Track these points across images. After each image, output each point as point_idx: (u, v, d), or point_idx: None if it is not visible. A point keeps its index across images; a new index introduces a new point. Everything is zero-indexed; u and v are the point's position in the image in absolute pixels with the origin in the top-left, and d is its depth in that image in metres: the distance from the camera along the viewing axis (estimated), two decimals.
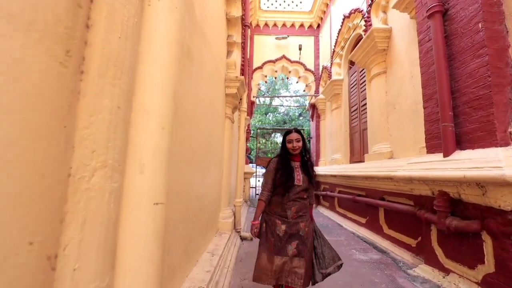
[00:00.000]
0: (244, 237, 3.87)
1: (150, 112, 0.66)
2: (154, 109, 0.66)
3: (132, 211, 0.60)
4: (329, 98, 6.87)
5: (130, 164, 0.65)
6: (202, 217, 2.36)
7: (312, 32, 8.54)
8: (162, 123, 0.65)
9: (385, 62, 4.18)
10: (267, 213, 1.84)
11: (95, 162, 0.68)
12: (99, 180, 0.69)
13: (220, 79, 3.27)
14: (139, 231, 0.57)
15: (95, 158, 0.68)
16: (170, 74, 0.71)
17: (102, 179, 0.70)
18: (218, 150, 3.24)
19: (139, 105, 0.67)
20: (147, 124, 0.65)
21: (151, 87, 0.67)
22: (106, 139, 0.72)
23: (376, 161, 4.04)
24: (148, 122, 0.65)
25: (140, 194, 0.60)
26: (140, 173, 0.61)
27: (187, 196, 1.92)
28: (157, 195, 0.61)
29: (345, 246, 3.70)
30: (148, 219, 0.58)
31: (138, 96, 0.68)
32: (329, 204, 6.51)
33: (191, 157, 1.98)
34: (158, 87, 0.67)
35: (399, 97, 3.72)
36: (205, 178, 2.49)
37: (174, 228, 1.61)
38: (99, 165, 0.69)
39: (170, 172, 1.46)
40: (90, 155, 0.67)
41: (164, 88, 0.68)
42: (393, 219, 3.51)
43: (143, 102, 0.67)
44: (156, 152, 0.63)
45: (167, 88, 0.69)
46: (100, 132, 0.70)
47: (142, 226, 0.57)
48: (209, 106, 2.59)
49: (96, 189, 0.68)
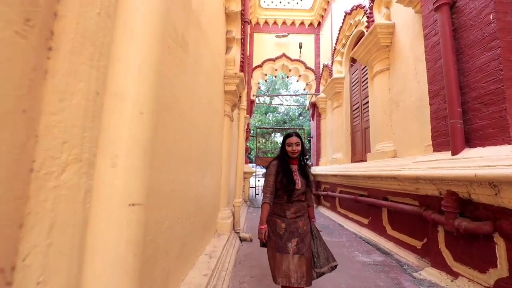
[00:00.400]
0: (243, 238, 3.77)
1: (125, 94, 0.55)
2: (130, 91, 0.56)
3: (102, 213, 0.50)
4: (330, 97, 6.77)
5: (101, 155, 0.55)
6: (199, 218, 2.26)
7: (313, 30, 8.44)
8: (141, 107, 0.55)
9: (388, 58, 4.08)
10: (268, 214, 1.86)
11: (66, 155, 0.58)
12: (72, 176, 0.59)
13: (219, 75, 3.17)
14: (110, 237, 0.47)
15: (66, 150, 0.58)
16: (151, 52, 0.61)
17: (75, 175, 0.60)
18: (216, 149, 3.14)
19: (113, 86, 0.57)
20: (122, 108, 0.55)
21: (126, 66, 0.57)
22: (81, 128, 0.62)
23: (379, 160, 3.94)
24: (123, 106, 0.55)
25: (111, 193, 0.50)
26: (111, 166, 0.51)
27: (184, 196, 1.82)
28: (133, 194, 0.51)
29: (347, 247, 3.60)
30: (120, 223, 0.48)
31: (112, 77, 0.58)
32: (330, 204, 6.41)
33: (189, 156, 1.88)
34: (135, 66, 0.57)
35: (403, 94, 3.62)
36: (204, 178, 2.39)
37: (169, 230, 1.51)
38: (72, 158, 0.59)
39: (162, 169, 1.38)
40: (60, 147, 0.56)
41: (142, 68, 0.58)
42: (397, 220, 3.41)
43: (117, 83, 0.57)
44: (132, 142, 0.53)
45: (147, 68, 0.58)
46: (73, 120, 0.59)
47: (113, 231, 0.47)
48: (207, 103, 2.49)
49: (68, 187, 0.58)
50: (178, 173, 1.63)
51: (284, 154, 1.89)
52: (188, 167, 1.85)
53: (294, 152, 1.84)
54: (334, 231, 4.53)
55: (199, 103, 2.13)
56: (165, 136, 1.39)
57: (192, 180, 1.96)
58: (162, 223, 1.38)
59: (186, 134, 1.79)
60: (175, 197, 1.59)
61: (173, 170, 1.52)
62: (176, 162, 1.57)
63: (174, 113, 1.53)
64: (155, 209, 1.28)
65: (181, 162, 1.67)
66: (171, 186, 1.50)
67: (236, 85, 3.58)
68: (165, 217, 1.43)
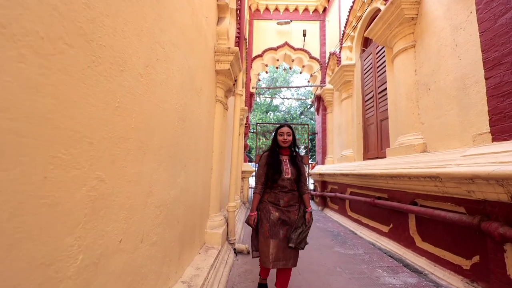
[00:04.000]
0: (239, 250, 3.09)
1: None
2: None
3: None
4: (338, 87, 6.08)
5: None
6: (172, 232, 1.59)
7: (318, 17, 7.75)
8: None
9: (413, 34, 3.39)
10: (262, 201, 1.98)
11: None
12: None
13: (206, 46, 2.50)
14: None
15: None
16: None
17: None
18: (204, 141, 2.47)
19: None
20: None
21: None
22: None
23: (403, 156, 3.25)
24: None
25: None
26: None
27: (141, 203, 1.15)
28: None
29: (367, 263, 2.92)
30: None
31: None
32: (338, 207, 5.72)
33: (146, 143, 1.21)
34: None
35: (435, 74, 2.94)
36: (179, 176, 1.71)
37: (103, 263, 0.85)
38: None
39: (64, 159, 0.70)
40: None
41: None
42: (431, 230, 2.72)
43: None
44: None
45: None
46: None
47: None
48: (186, 75, 1.82)
49: None
50: (115, 167, 0.96)
51: (275, 145, 2.00)
52: (143, 160, 1.18)
53: (285, 141, 1.94)
54: (347, 240, 3.84)
55: (166, 69, 1.46)
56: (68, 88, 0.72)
57: (153, 180, 1.29)
58: (65, 262, 0.71)
59: (137, 106, 1.11)
60: (109, 209, 0.92)
61: (98, 162, 0.85)
62: (105, 147, 0.90)
63: (99, 57, 0.86)
64: None
65: (121, 150, 0.99)
66: (95, 191, 0.83)
67: (230, 63, 2.90)
68: (77, 249, 0.76)
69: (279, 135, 1.96)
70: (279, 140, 1.96)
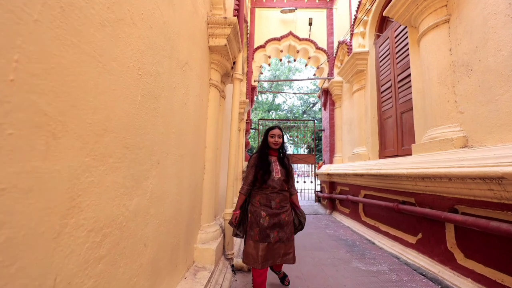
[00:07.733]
0: (238, 267, 2.55)
1: None
2: None
3: None
4: (348, 79, 5.51)
5: None
6: (133, 264, 1.05)
7: (325, 4, 7.18)
8: None
9: (447, 6, 2.83)
10: (253, 204, 1.97)
11: None
12: None
13: (196, 15, 1.95)
14: None
15: None
16: None
17: None
18: (191, 134, 1.93)
19: None
20: None
21: None
22: None
23: (436, 152, 2.69)
24: None
25: None
26: None
27: (48, 229, 0.61)
28: None
29: (396, 284, 2.36)
30: None
31: None
32: (350, 210, 5.15)
33: (102, 134, 0.67)
34: None
35: (480, 52, 2.37)
36: (146, 178, 1.17)
37: None
38: None
39: None
40: None
41: None
42: (479, 245, 2.16)
43: None
44: None
45: None
46: None
47: None
48: (156, 31, 1.28)
49: None
50: (65, 166, 0.41)
51: (264, 146, 2.04)
52: (76, 154, 0.64)
53: (276, 143, 2.00)
54: (366, 252, 3.28)
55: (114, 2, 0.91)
56: None
57: (82, 184, 0.75)
58: None
59: (91, 84, 0.58)
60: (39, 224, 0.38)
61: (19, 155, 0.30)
62: None
63: None
64: None
65: (64, 146, 0.45)
66: None
67: (227, 38, 2.36)
68: None
69: (271, 136, 2.01)
70: (270, 141, 2.01)
